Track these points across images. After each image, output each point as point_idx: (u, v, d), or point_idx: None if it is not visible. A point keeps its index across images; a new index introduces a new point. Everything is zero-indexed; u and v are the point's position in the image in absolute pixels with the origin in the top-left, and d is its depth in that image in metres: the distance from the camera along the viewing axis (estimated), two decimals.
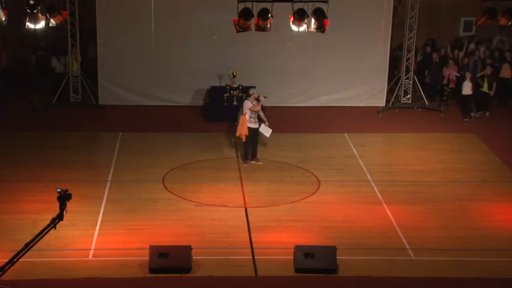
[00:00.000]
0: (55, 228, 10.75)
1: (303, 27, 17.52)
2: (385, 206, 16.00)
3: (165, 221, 15.11)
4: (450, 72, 23.47)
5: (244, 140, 18.12)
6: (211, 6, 22.28)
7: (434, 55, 23.85)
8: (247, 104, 18.06)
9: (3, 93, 23.47)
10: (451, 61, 23.63)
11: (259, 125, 18.26)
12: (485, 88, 22.24)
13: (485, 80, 22.32)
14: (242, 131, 17.99)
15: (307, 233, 14.67)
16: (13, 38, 24.25)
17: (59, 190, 10.58)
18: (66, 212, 10.67)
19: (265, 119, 18.36)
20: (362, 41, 22.91)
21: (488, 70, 22.65)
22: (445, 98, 23.73)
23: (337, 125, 21.44)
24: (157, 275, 12.90)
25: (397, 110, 23.01)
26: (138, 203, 15.96)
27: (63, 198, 10.58)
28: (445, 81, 23.68)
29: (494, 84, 22.54)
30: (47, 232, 10.74)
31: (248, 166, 18.18)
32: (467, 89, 22.11)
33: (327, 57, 22.96)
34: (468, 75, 22.34)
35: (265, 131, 18.34)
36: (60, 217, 10.70)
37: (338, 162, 18.70)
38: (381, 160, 19.37)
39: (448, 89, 23.65)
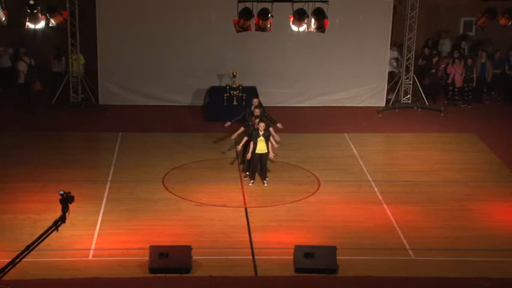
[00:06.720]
0: (57, 230, 10.70)
1: (303, 27, 17.53)
2: (385, 206, 16.00)
3: (165, 221, 15.11)
4: (455, 71, 23.41)
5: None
6: (212, 6, 22.28)
7: (434, 59, 23.70)
8: None
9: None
10: (457, 61, 23.54)
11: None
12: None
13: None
14: None
15: (307, 233, 14.67)
16: None
17: (61, 192, 10.43)
18: (69, 214, 10.61)
19: None
20: (362, 41, 22.91)
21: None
22: (451, 96, 23.63)
23: (337, 125, 21.43)
24: (157, 275, 12.90)
25: (397, 110, 23.01)
26: (138, 203, 15.96)
27: (66, 200, 10.50)
28: (449, 81, 23.60)
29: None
30: (49, 234, 10.71)
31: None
32: None
33: (327, 57, 22.95)
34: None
35: None
36: (62, 220, 10.63)
37: (338, 162, 18.70)
38: (380, 160, 19.36)
39: (456, 90, 23.55)
